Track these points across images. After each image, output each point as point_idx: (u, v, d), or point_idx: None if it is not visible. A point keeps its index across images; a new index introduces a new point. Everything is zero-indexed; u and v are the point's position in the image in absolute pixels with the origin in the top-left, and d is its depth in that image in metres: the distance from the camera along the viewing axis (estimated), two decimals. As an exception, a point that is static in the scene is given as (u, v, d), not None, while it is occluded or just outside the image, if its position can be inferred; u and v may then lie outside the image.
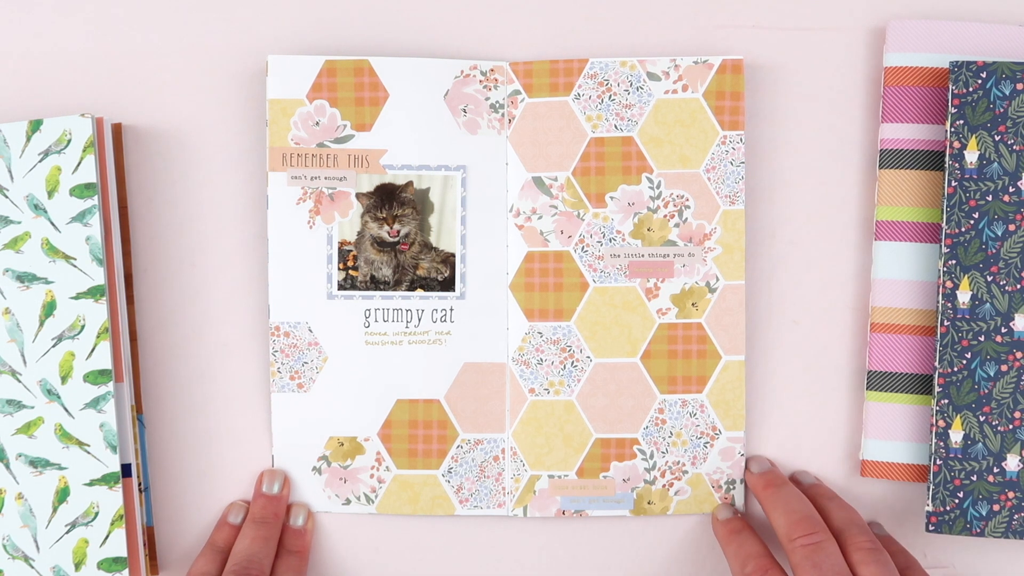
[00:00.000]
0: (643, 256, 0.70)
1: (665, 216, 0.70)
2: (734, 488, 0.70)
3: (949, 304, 0.67)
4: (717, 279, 0.70)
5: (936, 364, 0.67)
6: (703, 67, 0.70)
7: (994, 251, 0.67)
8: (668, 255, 0.70)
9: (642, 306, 0.70)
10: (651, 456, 0.70)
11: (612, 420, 0.70)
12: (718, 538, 0.69)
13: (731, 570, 0.67)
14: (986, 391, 0.67)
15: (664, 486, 0.70)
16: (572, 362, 0.70)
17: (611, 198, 0.70)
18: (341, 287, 0.70)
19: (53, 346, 0.67)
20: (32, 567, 0.67)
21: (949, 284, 0.67)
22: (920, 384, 0.69)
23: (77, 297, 0.67)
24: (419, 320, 0.70)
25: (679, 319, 0.70)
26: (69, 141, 0.67)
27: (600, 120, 0.70)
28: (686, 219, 0.70)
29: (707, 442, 0.70)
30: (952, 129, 0.67)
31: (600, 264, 0.70)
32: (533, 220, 0.70)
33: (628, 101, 0.70)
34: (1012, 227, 0.66)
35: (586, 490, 0.70)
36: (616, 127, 0.70)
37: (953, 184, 0.67)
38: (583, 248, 0.70)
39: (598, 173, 0.70)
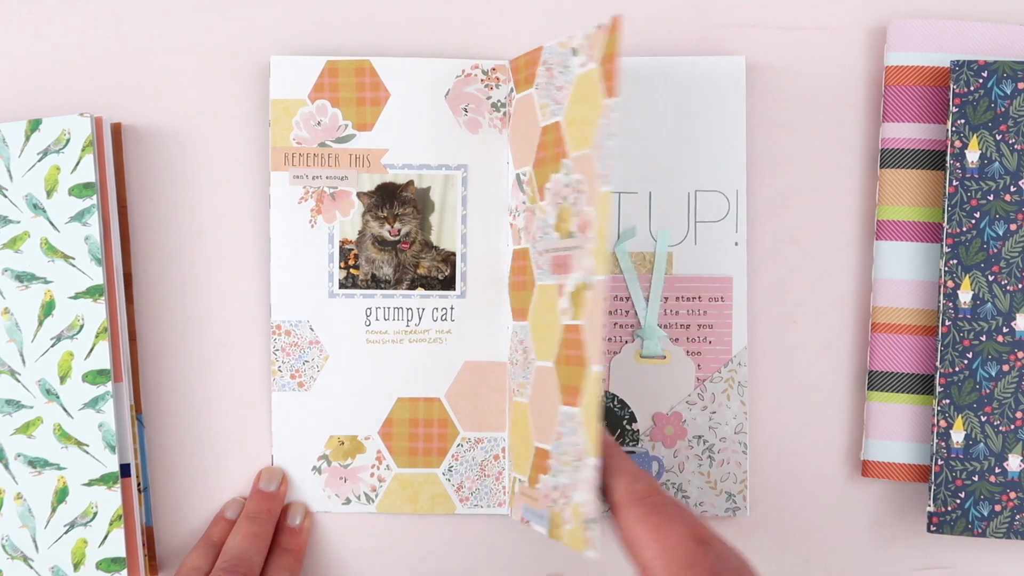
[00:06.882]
0: (559, 250, 0.63)
1: (571, 205, 0.62)
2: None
3: (950, 304, 0.67)
4: (593, 274, 0.59)
5: (937, 364, 0.67)
6: (601, 32, 0.60)
7: (995, 251, 0.67)
8: (568, 248, 0.62)
9: (556, 305, 0.63)
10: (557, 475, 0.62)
11: (542, 428, 0.64)
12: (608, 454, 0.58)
13: (613, 490, 0.57)
14: (987, 391, 0.67)
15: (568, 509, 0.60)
16: (525, 363, 0.67)
17: (547, 189, 0.65)
18: (342, 285, 0.70)
19: (52, 346, 0.66)
20: (31, 567, 0.66)
21: (950, 284, 0.67)
22: (921, 384, 0.69)
23: (76, 297, 0.66)
24: (420, 319, 0.70)
25: (573, 320, 0.61)
26: (68, 141, 0.67)
27: (546, 108, 0.66)
28: (580, 207, 0.61)
29: (578, 465, 0.59)
30: (953, 128, 0.67)
31: (541, 260, 0.65)
32: (515, 218, 0.69)
33: (560, 83, 0.64)
34: (1013, 227, 0.66)
35: (527, 498, 0.65)
36: (554, 113, 0.64)
37: (954, 183, 0.67)
38: (533, 244, 0.66)
39: (541, 164, 0.66)
